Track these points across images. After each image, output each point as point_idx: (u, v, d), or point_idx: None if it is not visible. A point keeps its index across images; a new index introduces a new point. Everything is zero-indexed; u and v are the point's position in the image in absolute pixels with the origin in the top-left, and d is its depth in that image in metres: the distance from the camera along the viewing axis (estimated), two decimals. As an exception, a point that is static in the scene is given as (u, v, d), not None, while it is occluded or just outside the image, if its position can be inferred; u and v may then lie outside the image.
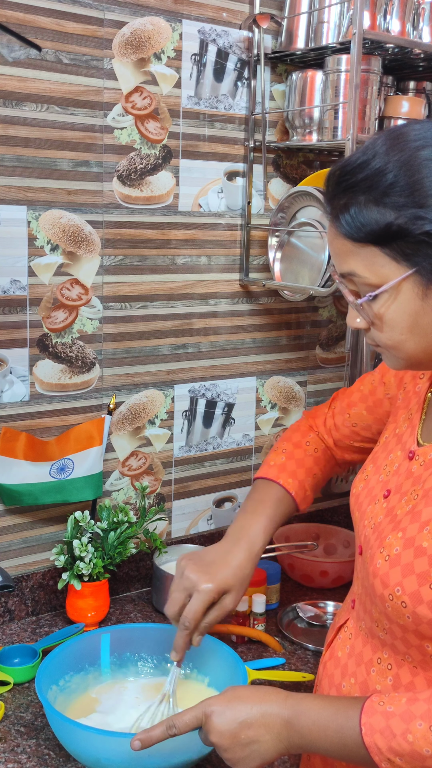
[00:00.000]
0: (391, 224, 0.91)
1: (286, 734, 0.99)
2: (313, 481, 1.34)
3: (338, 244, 0.97)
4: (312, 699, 1.00)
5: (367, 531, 1.09)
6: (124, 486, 1.81)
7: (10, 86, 1.52)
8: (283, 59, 1.84)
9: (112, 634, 1.42)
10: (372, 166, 0.92)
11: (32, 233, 1.59)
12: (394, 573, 0.99)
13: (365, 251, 0.95)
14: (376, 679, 1.05)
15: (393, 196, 0.91)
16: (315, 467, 1.34)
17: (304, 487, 1.32)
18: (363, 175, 0.93)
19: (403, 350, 0.99)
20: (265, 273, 1.93)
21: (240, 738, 0.99)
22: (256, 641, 1.64)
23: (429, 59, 1.77)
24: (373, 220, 0.92)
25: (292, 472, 1.31)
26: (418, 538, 0.98)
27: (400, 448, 1.11)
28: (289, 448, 1.35)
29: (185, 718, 1.04)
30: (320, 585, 1.88)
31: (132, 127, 1.68)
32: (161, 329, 1.81)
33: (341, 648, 1.14)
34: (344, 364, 2.14)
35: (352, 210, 0.93)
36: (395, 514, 1.04)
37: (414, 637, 0.99)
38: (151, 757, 1.10)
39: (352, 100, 1.57)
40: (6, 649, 1.51)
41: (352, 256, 0.96)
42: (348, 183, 0.94)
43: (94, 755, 1.17)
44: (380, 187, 0.92)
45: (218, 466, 1.96)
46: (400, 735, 0.90)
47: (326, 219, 1.00)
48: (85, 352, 1.70)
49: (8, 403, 1.62)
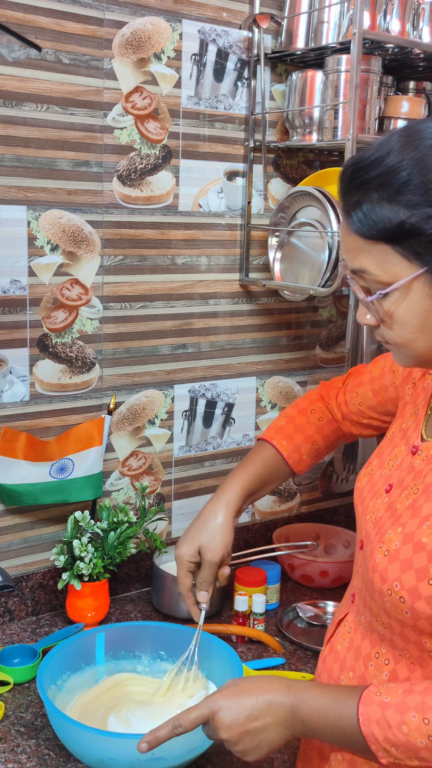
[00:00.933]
0: (403, 223, 0.91)
1: (291, 722, 1.01)
2: (311, 447, 1.37)
3: (350, 240, 0.97)
4: (313, 687, 1.02)
5: (368, 526, 1.09)
6: (124, 486, 1.81)
7: (10, 86, 1.52)
8: (283, 59, 1.84)
9: (107, 633, 1.42)
10: (386, 163, 0.92)
11: (32, 233, 1.59)
12: (393, 568, 0.99)
13: (377, 249, 0.94)
14: (373, 673, 1.06)
15: (406, 194, 0.91)
16: (316, 435, 1.38)
17: (299, 450, 1.36)
18: (376, 173, 0.92)
19: (413, 349, 0.99)
20: (265, 273, 1.93)
21: (249, 730, 1.01)
22: (256, 641, 1.64)
23: (429, 59, 1.77)
24: (386, 218, 0.92)
25: (288, 435, 1.36)
26: (418, 533, 0.98)
27: (404, 443, 1.12)
28: (292, 414, 1.40)
29: (191, 716, 1.04)
30: (320, 585, 1.88)
31: (132, 127, 1.68)
32: (161, 329, 1.81)
33: (340, 642, 1.15)
34: (344, 364, 2.14)
35: (364, 207, 0.93)
36: (395, 508, 1.04)
37: (412, 633, 0.99)
38: (156, 756, 1.10)
39: (352, 100, 1.57)
40: (6, 649, 1.51)
41: (364, 253, 0.95)
42: (361, 180, 0.94)
43: (98, 756, 1.17)
44: (394, 184, 0.91)
45: (218, 466, 1.96)
46: (395, 726, 0.92)
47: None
48: (85, 352, 1.70)
49: (8, 403, 1.62)
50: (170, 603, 1.71)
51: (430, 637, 0.98)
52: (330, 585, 1.88)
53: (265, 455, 1.35)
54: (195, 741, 1.14)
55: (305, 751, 1.19)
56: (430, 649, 0.99)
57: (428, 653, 0.99)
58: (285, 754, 1.31)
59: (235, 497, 1.29)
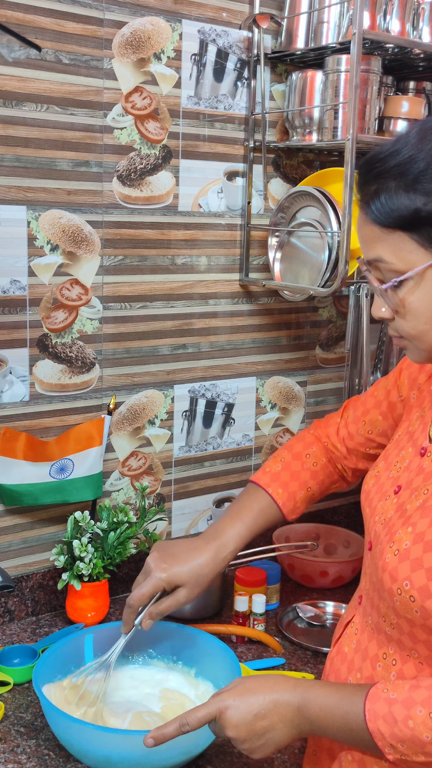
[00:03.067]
0: (420, 210, 0.92)
1: (298, 721, 1.02)
2: (306, 494, 1.36)
3: (367, 230, 0.98)
4: (320, 686, 1.02)
5: (377, 527, 1.09)
6: (124, 486, 1.81)
7: (10, 86, 1.52)
8: (282, 59, 1.83)
9: (95, 634, 1.42)
10: (403, 153, 0.94)
11: (32, 233, 1.59)
12: (403, 567, 0.99)
13: (393, 237, 0.96)
14: (381, 674, 1.06)
15: (423, 182, 0.92)
16: (311, 481, 1.37)
17: (294, 498, 1.35)
18: (394, 162, 0.94)
19: (426, 341, 1.00)
20: (265, 273, 1.93)
21: (256, 729, 1.02)
22: (256, 641, 1.64)
23: (429, 59, 1.77)
24: (403, 205, 0.93)
25: (284, 483, 1.35)
26: (428, 533, 0.98)
27: (412, 445, 1.12)
28: (288, 458, 1.38)
29: (198, 715, 1.05)
30: (320, 585, 1.88)
31: (132, 127, 1.68)
32: (161, 329, 1.81)
33: (348, 644, 1.15)
34: (344, 365, 2.14)
35: (382, 196, 0.95)
36: (405, 509, 1.05)
37: (421, 632, 1.00)
38: (157, 753, 1.11)
39: (352, 100, 1.57)
40: (6, 649, 1.51)
41: (380, 242, 0.97)
42: (379, 170, 0.96)
43: (96, 753, 1.17)
44: (411, 173, 0.93)
45: (218, 466, 1.96)
46: (402, 721, 0.92)
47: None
48: (85, 352, 1.70)
49: (8, 403, 1.62)
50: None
51: None
52: (330, 585, 1.88)
53: (261, 505, 1.34)
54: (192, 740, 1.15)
55: (314, 753, 1.19)
56: None
57: None
58: (285, 754, 1.31)
59: (230, 554, 1.29)
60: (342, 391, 2.13)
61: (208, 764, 1.27)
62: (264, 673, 1.28)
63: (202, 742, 1.21)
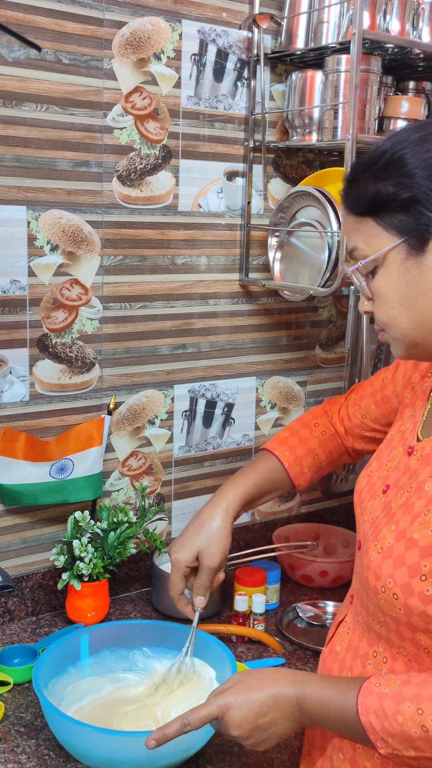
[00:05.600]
0: (379, 192, 0.98)
1: (297, 715, 1.04)
2: (313, 461, 1.37)
3: (346, 223, 1.05)
4: (317, 680, 1.04)
5: (365, 526, 1.11)
6: (124, 486, 1.81)
7: (10, 86, 1.52)
8: (282, 59, 1.83)
9: (90, 634, 1.42)
10: (378, 149, 1.01)
11: (32, 233, 1.59)
12: (386, 565, 1.01)
13: (363, 224, 1.01)
14: (372, 672, 1.07)
15: (387, 170, 0.98)
16: (318, 449, 1.38)
17: (301, 463, 1.36)
18: (368, 157, 1.01)
19: (398, 328, 1.02)
20: (265, 273, 1.93)
21: (258, 726, 1.04)
22: (256, 641, 1.64)
23: (429, 59, 1.77)
24: (369, 191, 0.99)
25: (291, 447, 1.37)
26: (410, 530, 0.99)
27: (402, 445, 1.13)
28: (296, 426, 1.40)
29: (200, 715, 1.06)
30: (320, 585, 1.88)
31: (132, 127, 1.68)
32: (161, 329, 1.81)
33: (339, 643, 1.16)
34: (344, 364, 2.14)
35: (354, 186, 1.01)
36: (390, 507, 1.06)
37: (407, 630, 1.00)
38: (158, 750, 1.11)
39: (351, 100, 1.57)
40: (6, 649, 1.51)
41: (355, 231, 1.03)
42: (357, 165, 1.03)
43: (98, 755, 1.17)
44: (378, 164, 0.99)
45: (218, 466, 1.96)
46: (392, 716, 0.94)
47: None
48: (84, 352, 1.70)
49: (8, 403, 1.62)
50: (170, 603, 1.70)
51: (424, 633, 0.99)
52: (330, 585, 1.88)
53: (267, 464, 1.35)
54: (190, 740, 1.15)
55: (309, 753, 1.21)
56: (425, 645, 1.00)
57: (423, 650, 1.00)
58: (285, 754, 1.31)
59: (234, 503, 1.29)
60: (342, 390, 2.13)
61: (208, 764, 1.27)
62: (261, 668, 1.29)
63: (203, 736, 1.21)
